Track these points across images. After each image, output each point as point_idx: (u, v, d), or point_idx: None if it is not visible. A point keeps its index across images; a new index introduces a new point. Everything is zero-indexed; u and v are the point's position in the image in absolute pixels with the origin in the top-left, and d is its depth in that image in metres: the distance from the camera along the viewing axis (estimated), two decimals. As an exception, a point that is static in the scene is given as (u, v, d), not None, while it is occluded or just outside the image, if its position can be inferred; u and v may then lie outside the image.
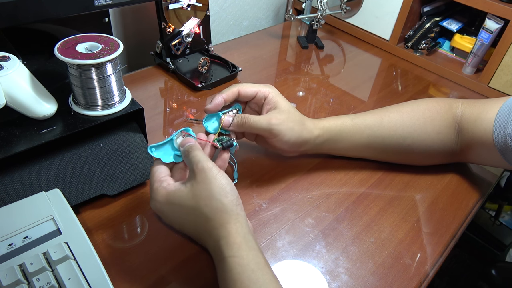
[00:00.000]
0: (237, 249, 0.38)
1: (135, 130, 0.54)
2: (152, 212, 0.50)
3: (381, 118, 0.57)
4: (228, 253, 0.37)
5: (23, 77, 0.45)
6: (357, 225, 0.51)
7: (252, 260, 0.37)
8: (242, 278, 0.36)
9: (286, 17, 0.92)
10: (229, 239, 0.38)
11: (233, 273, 0.36)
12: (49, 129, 0.46)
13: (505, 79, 0.80)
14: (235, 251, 0.37)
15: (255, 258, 0.38)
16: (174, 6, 0.72)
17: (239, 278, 0.36)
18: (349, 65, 0.91)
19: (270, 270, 0.38)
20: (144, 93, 0.72)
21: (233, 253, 0.37)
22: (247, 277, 0.36)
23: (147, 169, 0.52)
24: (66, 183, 0.47)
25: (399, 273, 0.46)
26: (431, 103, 0.58)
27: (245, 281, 0.36)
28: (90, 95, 0.48)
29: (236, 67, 0.79)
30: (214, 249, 0.40)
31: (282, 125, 0.51)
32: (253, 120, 0.50)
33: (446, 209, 0.56)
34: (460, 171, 0.62)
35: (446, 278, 1.18)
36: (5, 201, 0.43)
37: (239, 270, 0.36)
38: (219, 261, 0.38)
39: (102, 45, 0.47)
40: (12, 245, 0.39)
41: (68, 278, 0.36)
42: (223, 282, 0.37)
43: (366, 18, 0.99)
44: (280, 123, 0.50)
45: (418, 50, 0.94)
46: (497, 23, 0.78)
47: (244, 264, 0.37)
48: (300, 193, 0.55)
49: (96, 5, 0.53)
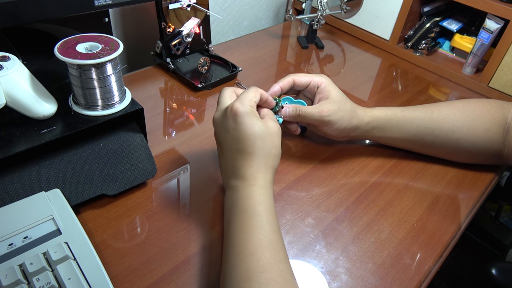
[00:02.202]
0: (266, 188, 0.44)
1: (135, 130, 0.54)
2: (152, 212, 0.50)
3: (432, 110, 0.58)
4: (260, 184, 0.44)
5: (23, 77, 0.45)
6: (357, 225, 0.51)
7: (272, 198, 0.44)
8: (267, 203, 0.42)
9: (286, 17, 0.92)
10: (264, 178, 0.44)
11: (260, 197, 0.43)
12: (49, 129, 0.46)
13: (505, 79, 0.80)
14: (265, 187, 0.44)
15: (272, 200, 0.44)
16: (174, 6, 0.72)
17: (264, 201, 0.42)
18: (349, 65, 0.91)
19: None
20: (144, 93, 0.72)
21: (263, 186, 0.44)
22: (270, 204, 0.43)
23: (147, 169, 0.52)
24: (66, 183, 0.47)
25: (399, 273, 0.46)
26: (482, 102, 0.59)
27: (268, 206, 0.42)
28: (90, 95, 0.48)
29: (236, 67, 0.79)
30: (248, 177, 0.44)
31: (333, 116, 0.53)
32: (306, 111, 0.54)
33: (446, 209, 0.56)
34: (460, 171, 0.62)
35: (446, 278, 1.18)
36: (5, 201, 0.43)
37: (265, 198, 0.43)
38: (248, 186, 0.44)
39: (102, 45, 0.47)
40: (12, 245, 0.39)
41: (68, 278, 0.36)
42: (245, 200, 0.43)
43: (366, 18, 0.99)
44: (330, 114, 0.53)
45: (418, 50, 0.94)
46: (497, 23, 0.78)
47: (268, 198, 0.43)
48: (300, 193, 0.55)
49: (96, 5, 0.53)
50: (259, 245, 0.38)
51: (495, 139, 0.57)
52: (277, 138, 0.47)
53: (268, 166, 0.45)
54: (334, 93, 0.55)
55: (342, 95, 0.56)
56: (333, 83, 0.56)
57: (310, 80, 0.56)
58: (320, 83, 0.55)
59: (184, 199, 0.53)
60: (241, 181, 0.45)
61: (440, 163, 0.62)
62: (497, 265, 0.70)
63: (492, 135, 0.57)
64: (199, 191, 0.54)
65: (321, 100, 0.55)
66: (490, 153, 0.58)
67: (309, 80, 0.56)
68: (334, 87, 0.56)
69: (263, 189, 0.43)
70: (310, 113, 0.54)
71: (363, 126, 0.57)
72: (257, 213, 0.41)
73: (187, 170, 0.57)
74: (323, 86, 0.55)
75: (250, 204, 0.42)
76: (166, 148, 0.60)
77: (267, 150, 0.45)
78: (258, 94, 0.49)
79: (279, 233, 0.41)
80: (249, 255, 0.38)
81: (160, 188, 0.53)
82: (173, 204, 0.51)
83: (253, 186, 0.44)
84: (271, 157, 0.46)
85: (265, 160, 0.45)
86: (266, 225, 0.40)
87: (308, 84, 0.56)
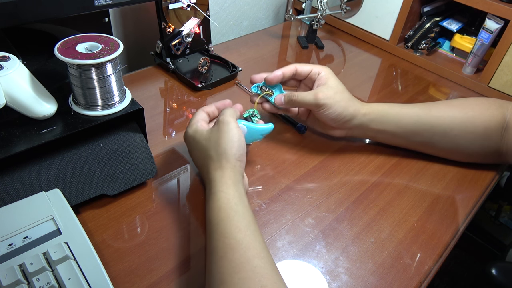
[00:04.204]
0: (226, 188, 0.45)
1: (135, 130, 0.54)
2: (152, 212, 0.50)
3: (430, 107, 0.59)
4: (219, 188, 0.45)
5: (23, 77, 0.45)
6: (357, 225, 0.51)
7: (237, 198, 0.44)
8: (225, 207, 0.43)
9: (286, 17, 0.92)
10: (222, 179, 0.46)
11: (219, 203, 0.43)
12: (49, 129, 0.46)
13: (505, 79, 0.80)
14: (224, 188, 0.45)
15: (239, 197, 0.44)
16: (174, 6, 0.72)
17: (223, 207, 0.43)
18: (349, 65, 0.91)
19: (250, 209, 0.44)
20: (144, 93, 0.72)
21: (222, 189, 0.45)
22: (229, 207, 0.43)
23: (147, 169, 0.52)
24: (66, 183, 0.47)
25: (399, 273, 0.46)
26: (481, 100, 0.59)
27: (227, 209, 0.43)
28: (90, 95, 0.48)
29: (236, 67, 0.79)
30: (210, 184, 0.47)
31: (329, 99, 0.54)
32: (301, 95, 0.55)
33: (446, 209, 0.56)
34: (460, 172, 0.62)
35: (446, 278, 1.18)
36: (5, 201, 0.43)
37: (225, 201, 0.43)
38: (210, 194, 0.46)
39: (102, 45, 0.47)
40: (12, 245, 0.39)
41: (68, 278, 0.36)
42: (210, 211, 0.44)
43: (366, 18, 0.99)
44: (326, 97, 0.54)
45: (418, 50, 0.94)
46: (497, 23, 0.78)
47: (230, 198, 0.44)
48: (300, 193, 0.55)
49: (96, 5, 0.53)
50: (227, 248, 0.39)
51: (494, 137, 0.57)
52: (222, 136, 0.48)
53: (221, 166, 0.47)
54: (332, 80, 0.57)
55: (341, 84, 0.57)
56: (333, 74, 0.58)
57: (311, 69, 0.58)
58: (321, 71, 0.57)
59: (184, 199, 0.53)
60: (206, 192, 0.48)
61: (440, 163, 0.62)
62: (497, 265, 0.70)
63: (491, 133, 0.57)
64: (199, 191, 0.54)
65: (319, 86, 0.57)
66: (489, 152, 0.58)
67: (310, 68, 0.58)
68: (333, 76, 0.58)
69: (221, 192, 0.44)
70: (305, 96, 0.55)
71: (360, 117, 0.57)
72: (219, 220, 0.42)
73: (187, 170, 0.57)
74: (323, 73, 0.57)
75: (212, 213, 0.43)
76: (166, 148, 0.60)
77: (214, 151, 0.47)
78: (201, 112, 0.54)
79: (250, 229, 0.41)
80: (220, 259, 0.39)
81: (160, 188, 0.53)
82: (173, 204, 0.51)
83: (211, 194, 0.45)
84: (220, 156, 0.47)
85: (216, 161, 0.47)
86: (231, 228, 0.41)
87: (309, 73, 0.58)
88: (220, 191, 0.44)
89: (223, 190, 0.45)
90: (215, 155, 0.47)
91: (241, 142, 0.48)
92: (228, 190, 0.45)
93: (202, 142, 0.49)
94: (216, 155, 0.47)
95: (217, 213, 0.43)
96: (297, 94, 0.56)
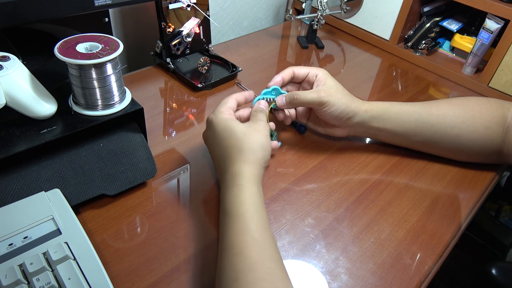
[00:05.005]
0: (251, 184, 0.45)
1: (135, 130, 0.54)
2: (152, 212, 0.50)
3: (430, 106, 0.59)
4: (244, 182, 0.45)
5: (23, 77, 0.45)
6: (357, 225, 0.51)
7: (259, 196, 0.45)
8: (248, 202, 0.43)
9: (286, 17, 0.92)
10: (248, 174, 0.46)
11: (242, 197, 0.43)
12: (49, 129, 0.46)
13: (505, 79, 0.80)
14: (250, 184, 0.45)
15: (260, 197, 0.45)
16: (174, 6, 0.72)
17: (245, 202, 0.43)
18: (349, 65, 0.91)
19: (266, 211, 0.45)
20: (144, 93, 0.72)
21: (248, 184, 0.45)
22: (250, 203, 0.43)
23: (147, 169, 0.52)
24: (66, 183, 0.47)
25: (399, 273, 0.46)
26: (482, 100, 0.59)
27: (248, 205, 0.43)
28: (90, 95, 0.48)
29: (236, 67, 0.79)
30: (234, 176, 0.46)
31: (331, 96, 0.55)
32: (303, 94, 0.56)
33: (446, 209, 0.56)
34: (460, 171, 0.62)
35: (446, 278, 1.18)
36: (5, 201, 0.43)
37: (248, 196, 0.44)
38: (232, 185, 0.45)
39: (102, 45, 0.47)
40: (12, 245, 0.39)
41: (68, 278, 0.36)
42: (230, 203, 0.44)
43: (366, 18, 0.99)
44: (328, 95, 0.55)
45: (418, 50, 0.94)
46: (497, 23, 0.78)
47: (253, 195, 0.44)
48: (300, 193, 0.55)
49: (96, 5, 0.53)
50: (244, 245, 0.39)
51: (495, 137, 0.57)
52: (259, 135, 0.49)
53: (251, 161, 0.47)
54: (331, 81, 0.57)
55: (340, 84, 0.58)
56: (330, 75, 0.59)
57: (308, 71, 0.59)
58: (318, 73, 0.58)
59: (184, 199, 0.53)
60: (225, 182, 0.47)
61: (440, 163, 0.62)
62: (497, 265, 0.70)
63: (492, 133, 0.57)
64: (199, 191, 0.54)
65: (318, 86, 0.57)
66: (490, 151, 0.58)
67: (307, 71, 0.59)
68: (331, 77, 0.58)
69: (245, 186, 0.44)
70: (308, 95, 0.55)
71: (362, 114, 0.57)
72: (240, 213, 0.42)
73: (187, 170, 0.57)
74: (321, 75, 0.58)
75: (232, 206, 0.43)
76: (166, 148, 0.60)
77: (248, 146, 0.48)
78: (233, 100, 0.54)
79: (266, 231, 0.41)
80: (235, 255, 0.38)
81: (160, 188, 0.53)
82: (173, 204, 0.51)
83: (234, 186, 0.45)
84: (253, 152, 0.48)
85: (247, 156, 0.47)
86: (250, 224, 0.41)
87: (307, 75, 0.59)
88: (244, 185, 0.44)
89: (248, 185, 0.45)
90: (246, 149, 0.47)
91: (268, 144, 0.50)
92: (252, 187, 0.45)
93: (235, 133, 0.49)
94: (250, 150, 0.47)
95: (238, 206, 0.42)
96: (299, 93, 0.56)
